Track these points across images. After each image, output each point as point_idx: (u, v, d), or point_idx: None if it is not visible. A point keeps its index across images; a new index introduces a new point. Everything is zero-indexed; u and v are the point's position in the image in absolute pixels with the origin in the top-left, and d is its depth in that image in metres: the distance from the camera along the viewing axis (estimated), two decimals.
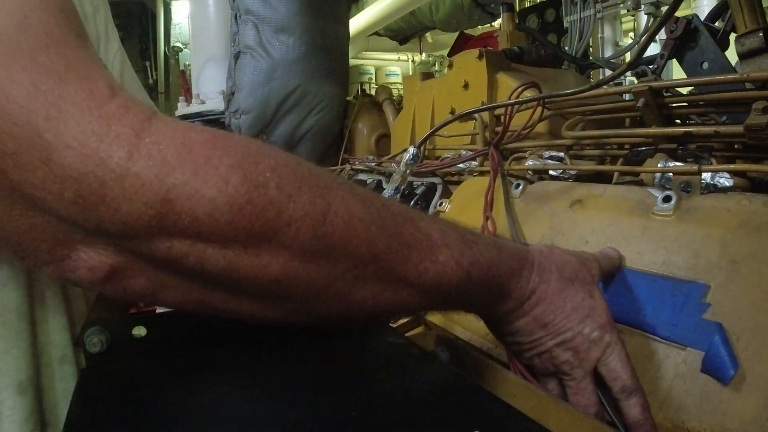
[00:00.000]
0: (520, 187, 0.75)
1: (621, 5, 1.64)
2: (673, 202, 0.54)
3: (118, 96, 0.30)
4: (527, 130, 0.83)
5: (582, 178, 0.73)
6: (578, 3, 1.57)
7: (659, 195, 0.56)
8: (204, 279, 0.34)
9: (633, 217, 0.57)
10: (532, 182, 0.76)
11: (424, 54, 7.03)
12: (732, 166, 0.57)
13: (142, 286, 0.34)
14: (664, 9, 1.57)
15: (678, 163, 0.61)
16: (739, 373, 0.42)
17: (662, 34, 0.76)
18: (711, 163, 0.59)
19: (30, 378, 0.41)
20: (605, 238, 0.58)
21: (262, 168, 0.32)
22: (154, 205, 0.29)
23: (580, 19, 1.57)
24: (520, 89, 0.85)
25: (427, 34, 5.99)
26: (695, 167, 0.56)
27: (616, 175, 0.72)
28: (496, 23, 4.12)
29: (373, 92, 1.85)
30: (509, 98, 0.86)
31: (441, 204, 0.90)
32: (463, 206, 0.85)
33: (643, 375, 0.47)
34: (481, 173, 0.90)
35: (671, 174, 0.58)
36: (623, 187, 0.63)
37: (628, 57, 1.57)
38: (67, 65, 0.29)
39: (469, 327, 0.66)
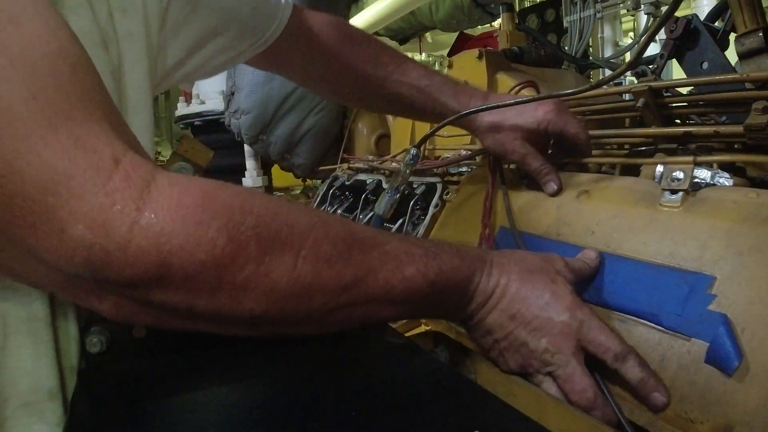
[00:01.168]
0: (526, 179, 0.74)
1: (621, 5, 1.64)
2: (680, 193, 0.54)
3: (121, 166, 0.34)
4: None
5: None
6: (578, 3, 1.57)
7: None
8: (195, 318, 0.39)
9: (640, 208, 0.57)
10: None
11: (424, 54, 7.02)
12: (727, 157, 0.57)
13: (145, 320, 0.40)
14: (664, 9, 1.57)
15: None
16: (743, 365, 0.42)
17: (662, 34, 0.76)
18: (711, 165, 0.59)
19: (58, 386, 0.43)
20: (611, 228, 0.58)
21: (244, 228, 0.36)
22: (151, 268, 0.33)
23: (580, 19, 1.57)
24: (517, 88, 0.85)
25: (427, 34, 6.00)
26: (690, 158, 0.56)
27: (618, 169, 0.71)
28: (496, 23, 4.12)
29: None
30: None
31: (447, 194, 0.90)
32: (470, 196, 0.85)
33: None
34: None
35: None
36: (630, 178, 0.63)
37: (628, 57, 1.57)
38: (75, 143, 0.33)
39: None
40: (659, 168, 0.58)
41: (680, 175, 0.55)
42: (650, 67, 0.77)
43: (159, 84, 0.59)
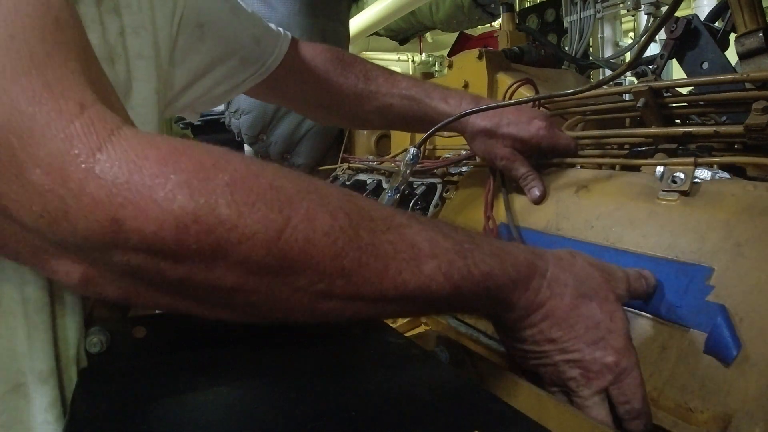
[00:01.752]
0: None
1: (621, 5, 1.64)
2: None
3: (86, 113, 0.32)
4: None
5: None
6: (578, 3, 1.57)
7: (666, 180, 0.56)
8: (165, 288, 0.35)
9: (638, 201, 0.57)
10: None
11: (424, 54, 7.02)
12: (728, 159, 0.57)
13: (114, 293, 0.36)
14: (664, 9, 1.57)
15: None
16: (741, 354, 0.42)
17: (662, 34, 0.76)
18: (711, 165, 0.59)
19: (50, 369, 0.42)
20: (611, 222, 0.58)
21: (213, 185, 0.32)
22: (104, 223, 0.31)
23: (580, 19, 1.57)
24: (514, 86, 0.85)
25: (427, 34, 6.00)
26: (691, 159, 0.56)
27: (618, 168, 0.71)
28: (496, 23, 4.12)
29: None
30: (504, 97, 0.86)
31: (447, 191, 0.90)
32: (471, 196, 0.85)
33: (647, 356, 0.48)
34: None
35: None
36: (629, 173, 0.63)
37: (628, 57, 1.57)
38: (44, 85, 0.32)
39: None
40: (659, 168, 0.58)
41: (681, 175, 0.55)
42: (650, 67, 0.77)
43: (164, 110, 0.60)
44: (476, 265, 0.40)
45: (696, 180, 0.55)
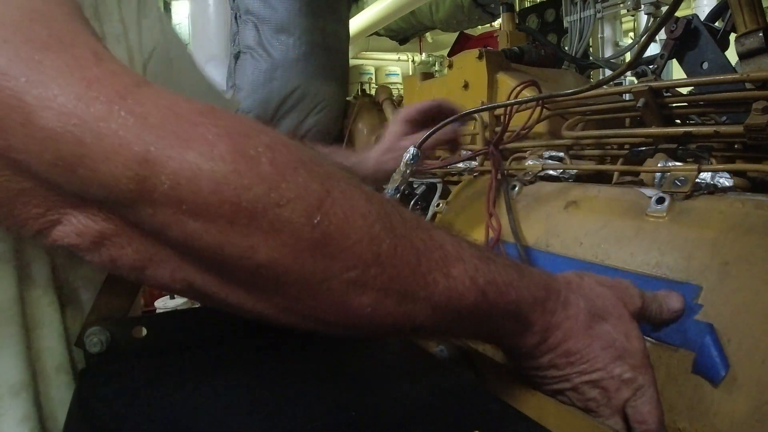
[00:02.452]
0: (516, 189, 0.75)
1: (621, 5, 1.64)
2: (666, 203, 0.54)
3: (104, 63, 0.30)
4: (526, 131, 0.83)
5: (582, 178, 0.73)
6: (578, 3, 1.57)
7: (653, 196, 0.56)
8: (191, 256, 0.32)
9: (626, 218, 0.57)
10: (527, 184, 0.76)
11: (424, 54, 7.03)
12: (731, 166, 0.57)
13: (130, 257, 0.33)
14: (664, 9, 1.57)
15: (678, 163, 0.61)
16: (730, 374, 0.42)
17: (662, 34, 0.76)
18: (711, 163, 0.59)
19: (23, 382, 0.40)
20: (599, 239, 0.58)
21: (254, 142, 0.30)
22: (132, 165, 0.28)
23: (580, 19, 1.57)
24: (519, 88, 0.85)
25: (427, 34, 6.00)
26: (694, 167, 0.56)
27: (616, 174, 0.72)
28: (496, 23, 4.12)
29: (373, 92, 1.85)
30: (508, 97, 0.86)
31: (438, 205, 0.90)
32: (462, 208, 0.85)
33: None
34: (481, 173, 0.90)
35: (670, 174, 0.58)
36: (618, 188, 0.63)
37: (628, 57, 1.57)
38: (50, 35, 0.29)
39: None
40: (658, 176, 0.58)
41: (683, 178, 0.55)
42: (650, 67, 0.76)
43: None
44: (499, 273, 0.38)
45: (696, 180, 0.55)
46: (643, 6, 1.64)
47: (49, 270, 0.42)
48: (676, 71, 1.05)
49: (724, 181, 0.56)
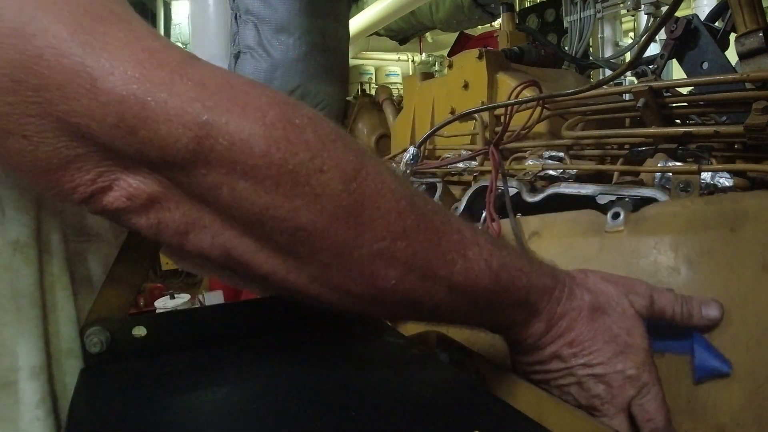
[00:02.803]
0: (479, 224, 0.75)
1: (621, 5, 1.65)
2: (622, 217, 0.56)
3: (161, 39, 0.32)
4: (526, 131, 0.83)
5: (582, 178, 0.73)
6: (578, 3, 1.57)
7: (609, 212, 0.58)
8: (236, 218, 0.34)
9: (588, 237, 0.59)
10: (527, 184, 0.76)
11: (424, 54, 7.03)
12: (731, 166, 0.57)
13: (176, 221, 0.35)
14: (664, 9, 1.57)
15: (678, 163, 0.61)
16: (723, 368, 0.44)
17: (662, 34, 0.76)
18: (711, 163, 0.59)
19: (42, 365, 0.41)
20: (566, 261, 0.58)
21: (300, 113, 0.33)
22: (192, 127, 0.30)
23: (580, 19, 1.57)
24: (519, 87, 0.85)
25: (427, 34, 6.00)
26: (695, 167, 0.56)
27: (616, 174, 0.72)
28: (496, 23, 4.12)
29: (373, 92, 1.85)
30: (509, 97, 0.86)
31: None
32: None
33: None
34: (481, 173, 0.90)
35: (671, 174, 0.58)
36: (573, 212, 0.64)
37: (628, 57, 1.58)
38: (110, 12, 0.32)
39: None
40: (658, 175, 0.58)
41: (688, 184, 0.56)
42: (650, 67, 0.76)
43: None
44: (511, 259, 0.40)
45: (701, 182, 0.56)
46: (643, 6, 1.64)
47: (64, 256, 0.43)
48: (676, 71, 1.05)
49: (724, 181, 0.56)
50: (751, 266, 0.45)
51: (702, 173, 0.55)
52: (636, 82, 0.75)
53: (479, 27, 4.39)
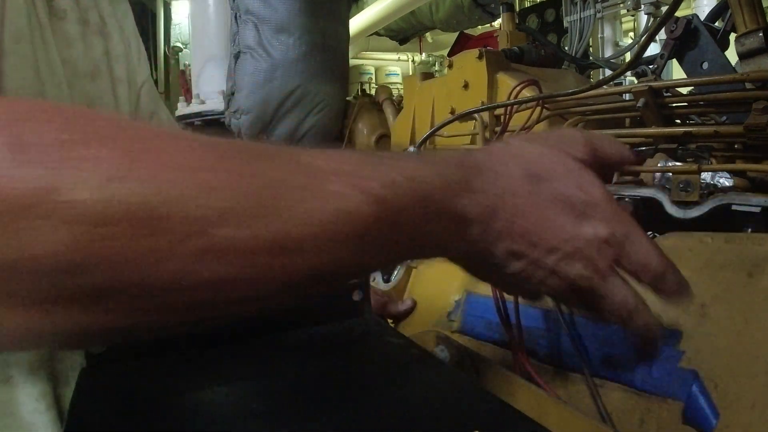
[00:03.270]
0: None
1: (621, 5, 1.65)
2: None
3: None
4: (526, 131, 0.83)
5: None
6: (578, 3, 1.57)
7: None
8: None
9: None
10: None
11: (424, 54, 7.04)
12: (731, 166, 0.57)
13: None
14: (664, 9, 1.57)
15: (678, 163, 0.61)
16: (720, 422, 0.41)
17: (662, 34, 0.76)
18: (711, 163, 0.59)
19: (41, 360, 0.41)
20: None
21: (30, 126, 0.24)
22: None
23: (580, 19, 1.57)
24: (519, 87, 0.85)
25: (427, 34, 6.01)
26: (695, 167, 0.56)
27: (616, 174, 0.72)
28: (496, 23, 4.12)
29: (373, 92, 1.85)
30: (508, 97, 0.86)
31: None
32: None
33: (628, 430, 0.46)
34: None
35: (671, 174, 0.58)
36: None
37: (628, 57, 1.58)
38: None
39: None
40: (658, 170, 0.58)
41: (689, 184, 0.55)
42: (650, 67, 0.77)
43: None
44: (396, 171, 0.32)
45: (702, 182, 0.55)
46: (643, 6, 1.64)
47: None
48: (676, 71, 1.05)
49: (724, 181, 0.56)
50: (765, 318, 0.42)
51: (702, 173, 0.55)
52: (636, 82, 0.75)
53: (479, 27, 4.39)
